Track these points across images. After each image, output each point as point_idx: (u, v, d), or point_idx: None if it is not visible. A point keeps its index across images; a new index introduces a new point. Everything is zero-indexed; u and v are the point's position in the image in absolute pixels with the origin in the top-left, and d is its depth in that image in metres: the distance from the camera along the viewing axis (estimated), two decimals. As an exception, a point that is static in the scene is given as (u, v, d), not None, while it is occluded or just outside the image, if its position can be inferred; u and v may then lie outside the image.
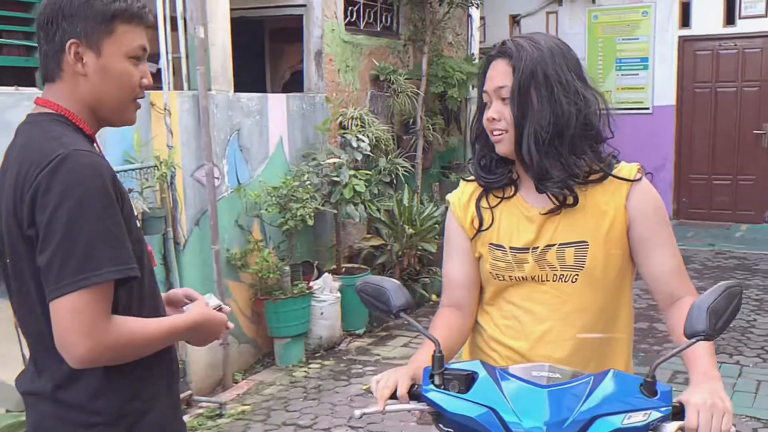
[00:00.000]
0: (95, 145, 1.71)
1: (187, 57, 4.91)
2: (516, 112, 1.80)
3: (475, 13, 8.23)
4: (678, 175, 9.76)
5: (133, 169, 4.25)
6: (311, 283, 5.42)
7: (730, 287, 1.57)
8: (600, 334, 1.88)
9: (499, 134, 1.84)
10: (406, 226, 5.96)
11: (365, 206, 5.57)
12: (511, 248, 1.88)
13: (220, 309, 1.87)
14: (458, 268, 1.99)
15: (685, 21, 9.49)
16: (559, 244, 1.84)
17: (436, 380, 1.61)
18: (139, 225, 4.00)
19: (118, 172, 3.99)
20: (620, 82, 9.83)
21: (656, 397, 1.51)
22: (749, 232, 9.10)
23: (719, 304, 1.53)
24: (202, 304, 1.85)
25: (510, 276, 1.89)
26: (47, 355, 1.62)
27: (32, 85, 5.61)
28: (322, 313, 5.44)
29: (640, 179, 1.85)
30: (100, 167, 1.56)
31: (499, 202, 1.92)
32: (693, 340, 1.53)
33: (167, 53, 4.63)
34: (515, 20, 10.37)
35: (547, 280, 1.86)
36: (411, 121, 7.00)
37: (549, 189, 1.82)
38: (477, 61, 7.86)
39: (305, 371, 5.16)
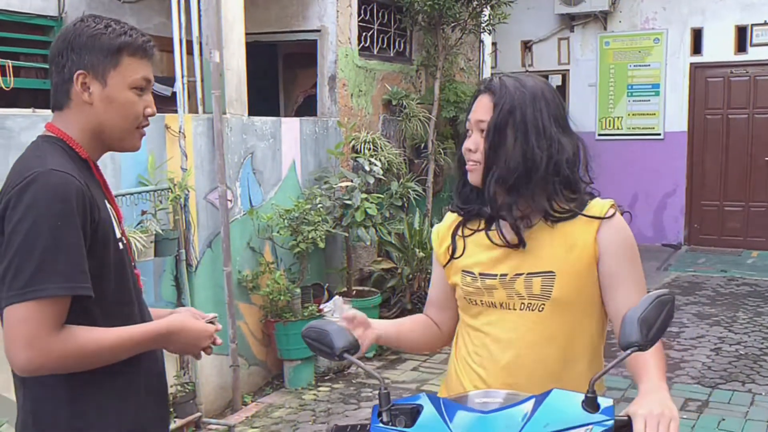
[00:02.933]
0: (92, 167, 1.80)
1: (202, 80, 4.98)
2: (488, 146, 1.85)
3: (487, 39, 8.29)
4: (689, 201, 9.75)
5: (147, 191, 4.29)
6: (321, 306, 5.43)
7: (660, 296, 1.58)
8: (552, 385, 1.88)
9: (473, 165, 1.90)
10: (417, 250, 5.98)
11: (376, 229, 5.59)
12: (480, 274, 1.93)
13: (212, 323, 1.90)
14: (435, 290, 2.13)
15: (696, 48, 9.53)
16: (527, 273, 1.88)
17: (384, 417, 1.62)
18: (152, 247, 4.07)
19: (132, 194, 4.08)
20: (632, 108, 9.87)
21: (598, 412, 1.53)
22: (760, 259, 9.06)
23: (650, 314, 1.55)
24: (184, 313, 1.89)
25: (481, 301, 1.94)
26: None
27: (49, 107, 5.69)
28: (332, 336, 5.43)
29: (612, 216, 1.88)
30: (69, 187, 1.63)
31: (473, 233, 1.99)
32: (628, 351, 1.55)
33: (183, 77, 4.69)
34: (527, 46, 10.44)
35: (515, 308, 1.90)
36: (422, 145, 7.04)
37: (498, 226, 1.89)
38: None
39: (314, 394, 5.17)
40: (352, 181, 5.65)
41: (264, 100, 7.50)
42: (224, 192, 4.88)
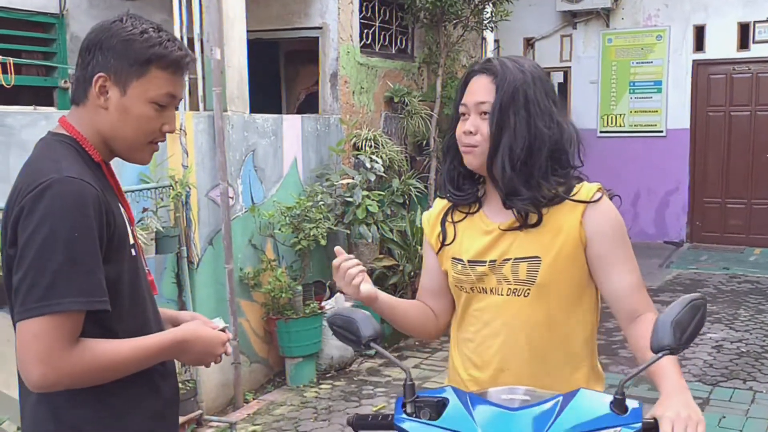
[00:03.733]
0: (104, 170, 1.73)
1: (203, 78, 4.97)
2: (494, 128, 1.85)
3: (489, 36, 8.27)
4: (692, 198, 9.73)
5: (148, 189, 4.29)
6: (323, 303, 5.43)
7: (693, 300, 1.57)
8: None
9: (471, 148, 1.89)
10: (419, 247, 5.97)
11: (378, 227, 5.59)
12: (469, 261, 1.94)
13: (223, 331, 1.86)
14: (427, 278, 2.12)
15: (699, 45, 9.50)
16: (514, 259, 1.89)
17: (408, 408, 1.62)
18: (153, 244, 4.07)
19: (133, 191, 4.08)
20: (634, 105, 9.85)
21: (626, 414, 1.52)
22: (763, 256, 9.04)
23: (683, 318, 1.54)
24: (197, 322, 1.84)
25: (471, 287, 1.95)
26: None
27: (50, 104, 5.70)
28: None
29: (598, 199, 1.88)
30: (86, 196, 1.57)
31: (464, 218, 2.00)
32: (659, 354, 1.54)
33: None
34: (529, 43, 10.42)
35: (503, 294, 1.91)
36: (424, 142, 7.03)
37: (516, 205, 1.87)
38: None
39: (316, 391, 5.17)
40: (353, 178, 5.65)
41: (266, 97, 7.50)
42: (225, 189, 4.88)
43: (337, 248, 1.96)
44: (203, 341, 1.77)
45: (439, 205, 2.09)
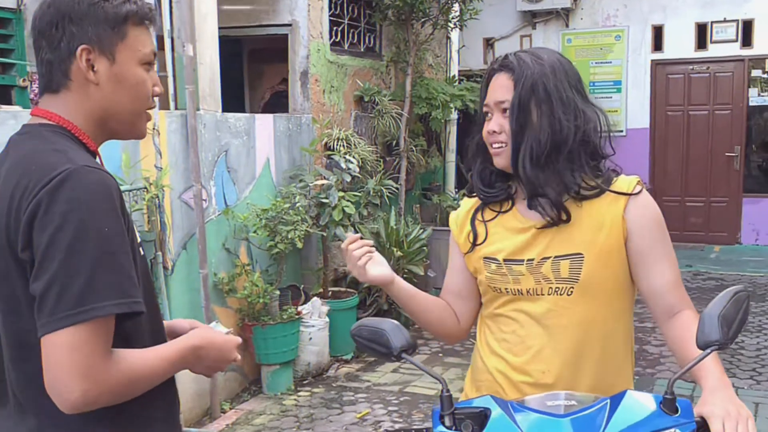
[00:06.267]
0: (99, 160, 1.57)
1: (174, 75, 4.77)
2: (514, 126, 1.79)
3: (455, 35, 8.21)
4: (652, 196, 9.78)
5: (122, 191, 4.08)
6: (299, 308, 5.27)
7: (737, 292, 1.54)
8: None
9: (499, 147, 1.83)
10: (394, 249, 5.86)
11: (355, 228, 5.45)
12: (504, 260, 1.86)
13: None
14: (452, 279, 2.04)
15: (657, 45, 9.61)
16: (554, 257, 1.82)
17: (447, 421, 1.52)
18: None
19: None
20: (594, 104, 9.90)
21: (678, 414, 1.47)
22: (723, 253, 9.18)
23: (729, 311, 1.50)
24: (205, 327, 1.72)
25: (506, 288, 1.87)
26: (34, 392, 1.45)
27: (9, 103, 5.42)
28: (310, 339, 5.29)
29: (639, 192, 1.82)
30: (110, 186, 1.41)
31: (495, 216, 1.93)
32: (708, 350, 1.49)
33: (157, 72, 4.48)
34: (489, 43, 10.41)
35: (543, 294, 1.84)
36: (394, 142, 6.92)
37: (540, 206, 1.81)
38: (459, 83, 7.82)
39: (295, 399, 5.00)
40: (327, 179, 5.51)
41: (227, 97, 7.28)
42: (199, 191, 4.69)
43: (348, 233, 1.89)
44: (217, 347, 1.62)
45: (468, 204, 2.01)
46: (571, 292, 1.81)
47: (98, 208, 1.36)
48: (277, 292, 5.08)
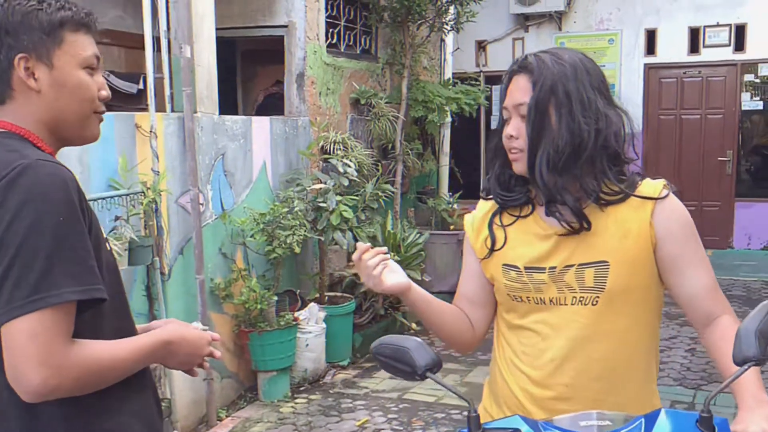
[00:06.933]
0: None
1: (170, 77, 4.69)
2: (531, 130, 1.72)
3: (449, 38, 8.16)
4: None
5: (119, 196, 4.00)
6: (296, 314, 5.20)
7: None
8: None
9: (517, 152, 1.77)
10: (392, 253, 5.79)
11: (353, 233, 5.39)
12: (525, 268, 1.79)
13: None
14: (467, 285, 1.96)
15: (650, 49, 9.60)
16: (578, 265, 1.75)
17: None
18: (126, 255, 3.78)
19: (104, 198, 3.78)
20: (587, 108, 9.88)
21: None
22: (715, 258, 9.17)
23: (766, 326, 1.45)
24: (178, 322, 1.70)
25: (527, 297, 1.80)
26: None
27: None
28: (307, 345, 5.22)
29: (666, 196, 1.76)
30: (65, 179, 1.42)
31: (514, 221, 1.85)
32: (745, 366, 1.45)
33: (153, 74, 4.39)
34: (481, 46, 10.36)
35: (566, 303, 1.77)
36: (390, 146, 6.86)
37: (559, 213, 1.74)
38: (454, 86, 7.77)
39: (292, 407, 4.93)
40: (325, 183, 5.43)
41: (220, 98, 7.19)
42: (196, 195, 4.61)
43: (359, 243, 1.82)
44: (189, 342, 1.63)
45: (484, 207, 1.93)
46: (597, 301, 1.74)
47: (53, 198, 1.37)
48: (275, 298, 5.00)
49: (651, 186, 1.77)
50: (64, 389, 1.38)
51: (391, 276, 1.81)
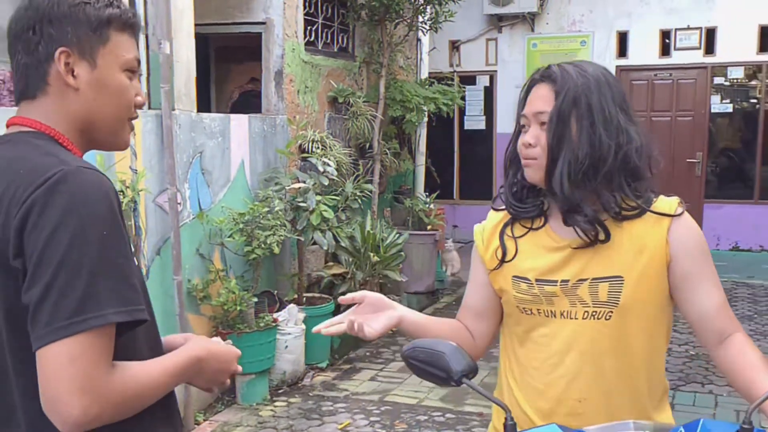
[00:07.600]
0: None
1: (148, 74, 4.57)
2: (552, 139, 1.70)
3: (425, 38, 8.13)
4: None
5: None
6: (275, 315, 5.11)
7: None
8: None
9: (531, 161, 1.74)
10: (371, 254, 5.74)
11: (333, 233, 5.31)
12: (537, 280, 1.77)
13: None
14: (473, 297, 1.93)
15: (622, 51, 9.69)
16: (592, 279, 1.73)
17: None
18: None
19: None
20: (559, 109, 9.94)
21: None
22: (685, 258, 9.28)
23: None
24: (203, 338, 1.60)
25: (538, 309, 1.78)
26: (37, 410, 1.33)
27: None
28: (286, 347, 5.14)
29: (681, 213, 1.75)
30: (107, 189, 1.31)
31: (526, 233, 1.83)
32: None
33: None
34: (455, 46, 10.37)
35: (578, 318, 1.74)
36: (367, 145, 6.80)
37: (577, 223, 1.72)
38: (430, 85, 7.74)
39: (272, 410, 4.84)
40: (304, 182, 5.36)
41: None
42: (174, 194, 4.50)
43: (341, 298, 1.84)
44: (217, 358, 1.53)
45: (495, 217, 1.91)
46: (610, 316, 1.72)
47: (96, 211, 1.27)
48: (254, 299, 4.91)
49: (666, 203, 1.76)
50: (105, 418, 1.28)
51: (376, 323, 1.78)
